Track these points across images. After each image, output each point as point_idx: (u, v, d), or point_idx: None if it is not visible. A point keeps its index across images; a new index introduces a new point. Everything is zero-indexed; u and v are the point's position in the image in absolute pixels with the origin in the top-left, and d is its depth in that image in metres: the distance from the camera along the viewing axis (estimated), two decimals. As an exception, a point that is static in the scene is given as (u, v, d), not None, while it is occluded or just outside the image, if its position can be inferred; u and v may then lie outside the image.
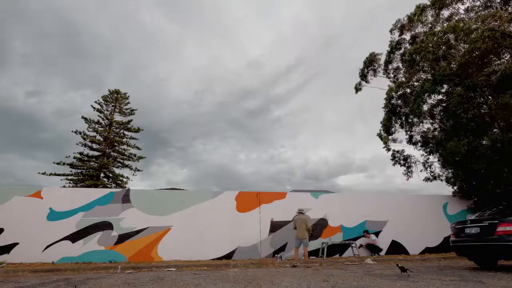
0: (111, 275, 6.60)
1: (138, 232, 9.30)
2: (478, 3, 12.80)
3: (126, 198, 9.55)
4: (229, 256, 9.58)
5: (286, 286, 4.43)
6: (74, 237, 8.91)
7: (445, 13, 13.28)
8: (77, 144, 24.64)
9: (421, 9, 13.41)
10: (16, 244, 8.57)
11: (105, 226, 9.18)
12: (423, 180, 13.13)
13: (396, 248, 10.59)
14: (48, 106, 48.46)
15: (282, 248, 9.98)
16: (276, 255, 9.72)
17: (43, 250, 8.64)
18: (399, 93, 13.76)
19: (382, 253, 10.43)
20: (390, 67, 15.59)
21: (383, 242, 10.58)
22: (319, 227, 10.43)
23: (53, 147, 45.98)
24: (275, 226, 10.17)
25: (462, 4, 13.08)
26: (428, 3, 13.13)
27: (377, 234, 10.65)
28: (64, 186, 22.65)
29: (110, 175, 25.00)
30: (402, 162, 14.32)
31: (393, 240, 10.66)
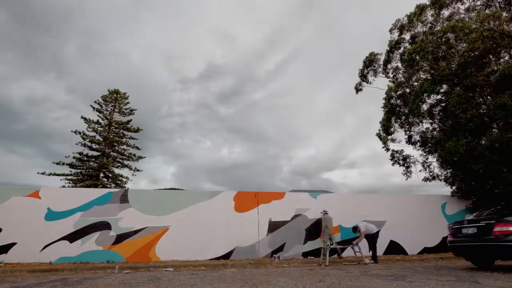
0: (109, 275, 6.60)
1: (136, 232, 9.29)
2: (478, 3, 12.79)
3: (124, 198, 9.54)
4: (227, 256, 9.58)
5: (282, 286, 4.43)
6: (72, 237, 8.90)
7: (445, 12, 13.26)
8: (76, 144, 24.70)
9: (421, 9, 13.38)
10: (14, 244, 8.57)
11: (103, 226, 9.17)
12: (422, 180, 13.14)
13: (394, 248, 10.58)
14: (14, 92, 45.30)
15: (280, 248, 9.97)
16: (274, 255, 9.71)
17: (41, 250, 8.64)
18: (398, 93, 13.74)
19: (380, 253, 10.40)
20: (389, 66, 15.57)
21: (381, 242, 10.55)
22: (317, 227, 10.41)
23: (28, 138, 42.86)
24: (274, 226, 10.16)
25: (462, 4, 13.07)
26: (428, 2, 13.11)
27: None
28: (64, 186, 22.68)
29: (110, 175, 25.01)
30: (401, 162, 14.32)
31: (391, 240, 10.65)
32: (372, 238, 9.00)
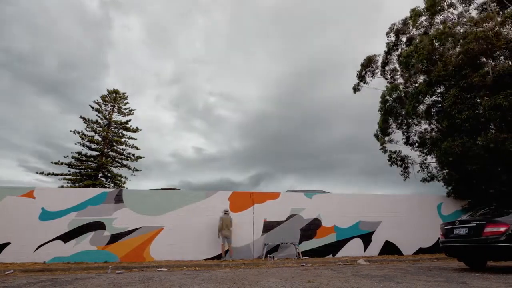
0: (101, 275, 6.60)
1: (130, 232, 9.29)
2: (472, 7, 12.79)
3: (118, 198, 9.54)
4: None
5: (270, 286, 4.42)
6: (66, 237, 8.90)
7: (439, 17, 13.23)
8: (75, 144, 24.74)
9: (415, 14, 13.38)
10: (7, 244, 8.57)
11: (98, 226, 9.17)
12: (421, 180, 13.09)
13: (389, 248, 10.56)
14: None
15: (275, 248, 9.96)
16: (268, 255, 9.70)
17: (35, 250, 8.63)
18: (394, 95, 13.78)
19: (376, 253, 10.39)
20: (387, 68, 15.63)
21: (376, 243, 10.55)
22: (312, 227, 10.41)
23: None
24: (268, 226, 10.15)
25: (455, 9, 13.07)
26: (423, 7, 13.09)
27: (370, 234, 10.63)
28: (62, 186, 22.69)
29: (109, 175, 25.02)
30: (399, 163, 14.33)
31: (386, 241, 10.63)
32: None
